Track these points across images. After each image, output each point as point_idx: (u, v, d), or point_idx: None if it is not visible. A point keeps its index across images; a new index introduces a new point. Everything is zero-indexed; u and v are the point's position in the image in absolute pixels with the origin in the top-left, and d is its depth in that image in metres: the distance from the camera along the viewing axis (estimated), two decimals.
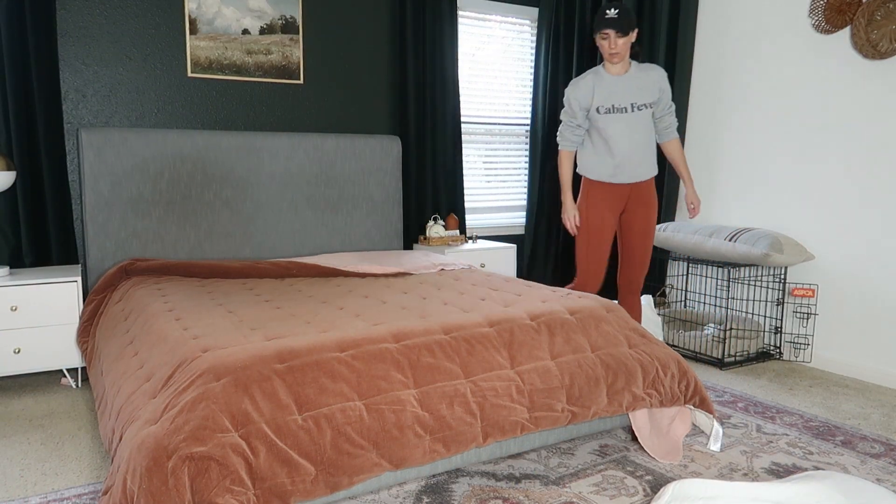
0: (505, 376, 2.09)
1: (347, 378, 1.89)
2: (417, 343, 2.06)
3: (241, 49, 3.65)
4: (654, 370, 2.32)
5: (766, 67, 3.72)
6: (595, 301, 2.51)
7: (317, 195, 3.78)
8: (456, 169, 4.31)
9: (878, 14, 3.17)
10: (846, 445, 2.48)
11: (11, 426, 2.59)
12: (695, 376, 2.40)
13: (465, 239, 4.20)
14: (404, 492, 2.06)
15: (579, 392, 2.18)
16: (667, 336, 3.80)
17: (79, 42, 3.30)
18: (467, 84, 4.47)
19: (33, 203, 3.21)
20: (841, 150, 3.38)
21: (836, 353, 3.45)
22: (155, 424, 1.68)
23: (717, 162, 4.02)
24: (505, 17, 4.56)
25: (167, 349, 2.02)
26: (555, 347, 2.25)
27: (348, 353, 1.95)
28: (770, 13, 3.68)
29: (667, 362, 2.36)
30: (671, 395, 2.33)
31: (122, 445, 1.68)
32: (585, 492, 2.08)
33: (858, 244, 3.33)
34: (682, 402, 2.35)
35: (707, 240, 3.62)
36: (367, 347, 1.99)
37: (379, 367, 1.95)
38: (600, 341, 2.34)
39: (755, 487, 1.81)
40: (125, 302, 2.74)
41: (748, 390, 3.12)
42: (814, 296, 3.51)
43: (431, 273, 3.26)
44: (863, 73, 3.28)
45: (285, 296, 2.71)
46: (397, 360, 1.98)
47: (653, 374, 2.31)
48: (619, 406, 2.24)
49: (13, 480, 2.14)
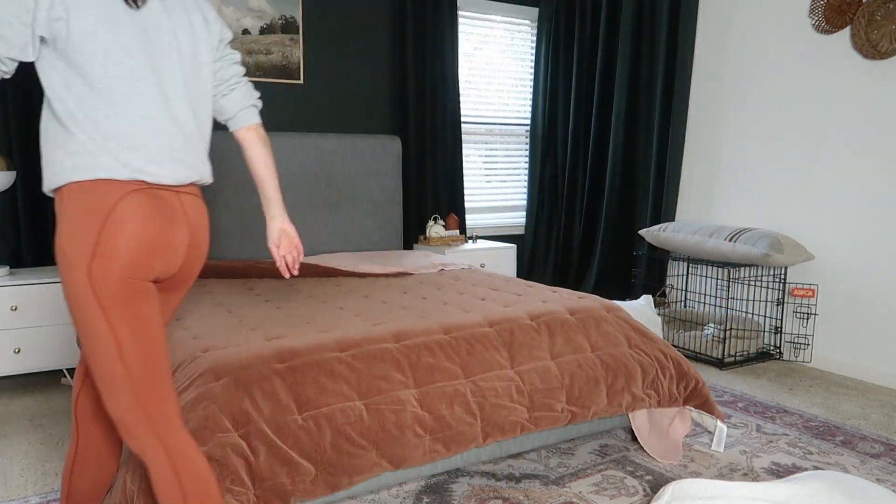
0: (505, 376, 2.09)
1: (347, 378, 1.89)
2: (417, 343, 2.06)
3: (241, 49, 3.65)
4: (653, 371, 2.32)
5: (765, 67, 3.71)
6: (595, 301, 2.51)
7: (317, 195, 3.78)
8: (456, 169, 4.31)
9: (878, 14, 3.17)
10: (846, 445, 2.48)
11: (11, 426, 2.59)
12: (697, 378, 2.38)
13: (465, 239, 4.20)
14: (404, 492, 2.06)
15: (579, 392, 2.17)
16: (667, 336, 3.80)
17: None
18: (467, 84, 4.47)
19: (33, 203, 3.21)
20: (841, 149, 3.38)
21: (836, 353, 3.45)
22: None
23: (717, 162, 4.02)
24: (505, 17, 4.56)
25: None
26: (555, 347, 2.25)
27: (348, 353, 1.95)
28: (770, 13, 3.68)
29: (666, 363, 2.35)
30: (669, 397, 2.33)
31: (123, 447, 1.68)
32: (585, 492, 2.08)
33: (858, 244, 3.33)
34: (680, 403, 2.35)
35: (707, 240, 3.62)
36: (368, 347, 1.99)
37: (379, 367, 1.95)
38: (600, 341, 2.34)
39: (755, 487, 1.81)
40: None
41: (748, 390, 3.11)
42: (814, 296, 3.51)
43: (432, 273, 3.26)
44: (863, 73, 3.28)
45: (285, 296, 2.71)
46: (397, 360, 1.98)
47: (652, 374, 2.31)
48: (618, 406, 2.24)
49: (13, 480, 2.14)
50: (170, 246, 1.34)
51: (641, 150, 4.41)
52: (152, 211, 1.31)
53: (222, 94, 1.58)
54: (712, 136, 4.04)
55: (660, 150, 4.22)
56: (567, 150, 4.69)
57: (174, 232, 1.35)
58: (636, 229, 4.46)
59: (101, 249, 1.26)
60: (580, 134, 4.67)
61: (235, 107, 1.59)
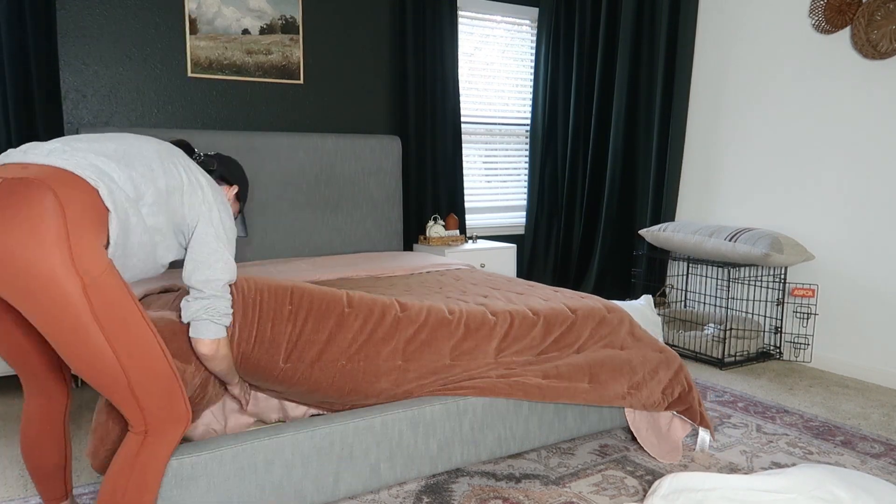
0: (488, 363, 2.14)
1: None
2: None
3: (241, 49, 3.65)
4: (642, 372, 2.30)
5: (765, 67, 3.71)
6: (596, 301, 2.51)
7: (317, 195, 3.78)
8: (456, 169, 4.31)
9: (878, 14, 3.17)
10: (846, 445, 2.48)
11: (11, 426, 2.59)
12: (687, 385, 2.34)
13: (465, 239, 4.20)
14: (404, 492, 2.06)
15: (558, 372, 2.20)
16: (667, 336, 3.79)
17: (79, 42, 3.30)
18: (467, 84, 4.47)
19: None
20: (841, 150, 3.38)
21: (836, 353, 3.45)
22: None
23: (717, 162, 4.02)
24: (505, 17, 4.56)
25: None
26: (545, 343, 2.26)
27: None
28: (770, 13, 3.68)
29: (657, 367, 2.33)
30: (651, 400, 2.29)
31: None
32: (585, 492, 2.08)
33: (858, 244, 3.33)
34: (662, 407, 2.31)
35: (707, 240, 3.62)
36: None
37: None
38: (595, 339, 2.34)
39: (751, 479, 1.82)
40: None
41: (748, 390, 3.11)
42: (814, 296, 3.51)
43: (432, 273, 3.26)
44: (863, 73, 3.28)
45: None
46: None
47: (640, 375, 2.29)
48: (599, 398, 2.22)
49: (13, 480, 2.14)
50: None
51: (641, 150, 4.41)
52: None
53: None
54: (712, 136, 4.04)
55: (660, 150, 4.22)
56: (567, 151, 4.69)
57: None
58: (636, 229, 4.46)
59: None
60: (580, 134, 4.67)
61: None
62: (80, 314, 1.22)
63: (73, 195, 1.26)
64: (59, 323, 1.22)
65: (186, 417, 1.41)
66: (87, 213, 1.26)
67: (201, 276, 1.53)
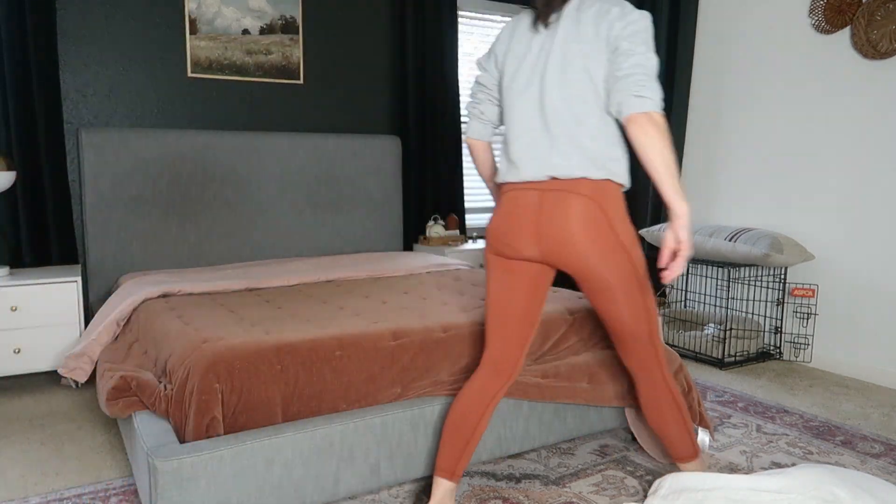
0: None
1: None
2: (415, 342, 2.06)
3: (241, 49, 3.65)
4: None
5: (765, 67, 3.71)
6: None
7: (317, 195, 3.78)
8: (456, 169, 4.31)
9: (878, 14, 3.17)
10: (846, 445, 2.48)
11: (11, 426, 2.59)
12: (687, 385, 2.33)
13: (465, 239, 4.20)
14: (404, 492, 2.06)
15: (565, 383, 2.18)
16: (667, 336, 3.80)
17: (79, 42, 3.30)
18: (467, 84, 4.47)
19: (33, 203, 3.21)
20: (841, 149, 3.38)
21: (836, 353, 3.45)
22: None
23: (717, 162, 4.02)
24: (505, 17, 4.56)
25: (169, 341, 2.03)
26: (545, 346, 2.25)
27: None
28: (770, 13, 3.68)
29: None
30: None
31: None
32: (585, 492, 2.08)
33: (858, 244, 3.33)
34: None
35: (707, 240, 3.62)
36: (364, 345, 1.99)
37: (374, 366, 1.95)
38: (594, 340, 2.34)
39: (751, 479, 1.82)
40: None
41: (748, 390, 3.11)
42: (814, 296, 3.51)
43: (432, 273, 3.26)
44: (863, 73, 3.28)
45: (287, 296, 2.72)
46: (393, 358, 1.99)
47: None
48: (599, 398, 2.22)
49: (13, 480, 2.14)
50: (512, 233, 1.73)
51: None
52: (507, 206, 1.75)
53: (609, 88, 1.64)
54: (712, 136, 4.04)
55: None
56: None
57: (517, 222, 1.72)
58: (636, 229, 4.46)
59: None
60: None
61: (615, 99, 1.62)
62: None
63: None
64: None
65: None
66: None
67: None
